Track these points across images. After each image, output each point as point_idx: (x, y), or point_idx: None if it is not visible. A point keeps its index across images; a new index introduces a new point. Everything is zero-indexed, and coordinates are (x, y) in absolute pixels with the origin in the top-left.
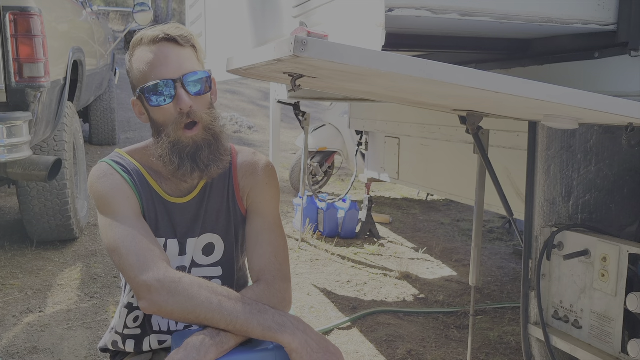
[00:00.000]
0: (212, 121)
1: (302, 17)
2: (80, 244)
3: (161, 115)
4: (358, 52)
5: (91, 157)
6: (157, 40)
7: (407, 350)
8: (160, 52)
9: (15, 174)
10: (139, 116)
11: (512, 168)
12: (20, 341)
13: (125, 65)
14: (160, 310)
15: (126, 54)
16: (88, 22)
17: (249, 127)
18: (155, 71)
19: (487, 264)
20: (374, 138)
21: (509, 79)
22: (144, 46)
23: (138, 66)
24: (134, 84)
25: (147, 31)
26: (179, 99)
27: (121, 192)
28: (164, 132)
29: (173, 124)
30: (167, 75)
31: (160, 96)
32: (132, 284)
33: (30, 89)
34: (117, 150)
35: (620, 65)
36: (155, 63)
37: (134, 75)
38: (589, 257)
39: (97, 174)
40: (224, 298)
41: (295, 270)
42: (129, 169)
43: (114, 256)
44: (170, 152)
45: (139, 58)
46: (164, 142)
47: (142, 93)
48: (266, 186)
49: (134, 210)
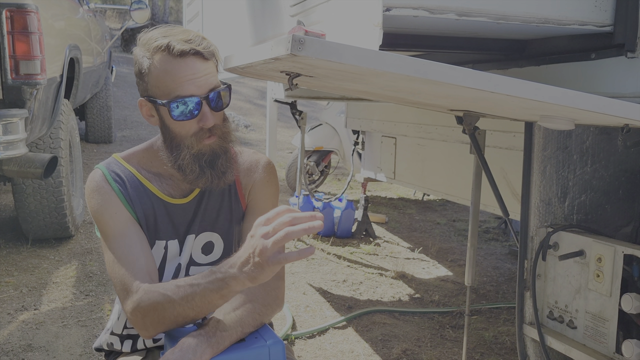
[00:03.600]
0: (228, 132)
1: (299, 16)
2: (76, 242)
3: (181, 127)
4: (355, 51)
5: (87, 154)
6: (186, 54)
7: (402, 350)
8: (188, 68)
9: (10, 171)
10: (147, 118)
11: (508, 168)
12: (15, 339)
13: (139, 65)
14: (148, 332)
15: (135, 50)
16: (85, 20)
17: (246, 126)
18: (182, 87)
19: (482, 264)
20: (371, 138)
21: (506, 79)
22: (169, 56)
23: (160, 75)
24: (149, 89)
25: (172, 39)
26: (203, 116)
27: (109, 208)
28: (183, 143)
29: (194, 137)
30: (195, 92)
31: (186, 112)
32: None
33: (26, 86)
34: (113, 156)
35: (616, 67)
36: (182, 78)
37: (153, 81)
38: (584, 258)
39: (90, 186)
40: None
41: (291, 269)
42: (122, 176)
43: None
44: (192, 163)
45: (164, 68)
46: (185, 154)
47: (167, 106)
48: (267, 184)
49: (122, 225)
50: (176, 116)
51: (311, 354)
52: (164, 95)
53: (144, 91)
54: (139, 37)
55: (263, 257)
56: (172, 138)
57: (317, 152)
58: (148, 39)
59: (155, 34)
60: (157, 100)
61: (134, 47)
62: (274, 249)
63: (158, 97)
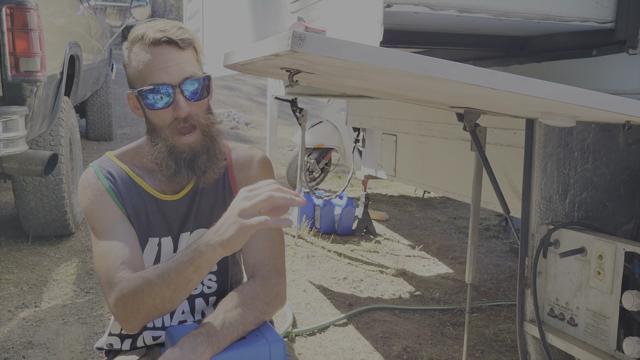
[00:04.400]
0: (210, 125)
1: (300, 12)
2: (76, 239)
3: (157, 117)
4: (355, 47)
5: (87, 152)
6: (158, 43)
7: (402, 347)
8: (161, 56)
9: (11, 168)
10: (134, 110)
11: (509, 166)
12: (16, 336)
13: (123, 57)
14: (132, 324)
15: (123, 44)
16: (85, 17)
17: (246, 124)
18: (155, 75)
19: (483, 262)
20: (371, 135)
21: (507, 75)
22: (144, 45)
23: (136, 65)
24: (130, 80)
25: (149, 29)
26: (176, 105)
27: (99, 204)
28: (160, 135)
29: (169, 128)
30: (167, 80)
31: (158, 101)
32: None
33: (26, 83)
34: (107, 154)
35: (617, 63)
36: (155, 67)
37: (131, 71)
38: (585, 255)
39: (83, 183)
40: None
41: (292, 266)
42: (114, 173)
43: None
44: (167, 157)
45: (138, 57)
46: (160, 147)
47: (140, 94)
48: (262, 179)
49: (111, 219)
50: (149, 104)
51: (312, 351)
52: (140, 85)
53: (128, 83)
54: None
55: (242, 216)
56: (152, 130)
57: (317, 149)
58: (131, 32)
59: (138, 27)
60: (135, 91)
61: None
62: (254, 210)
63: (136, 87)
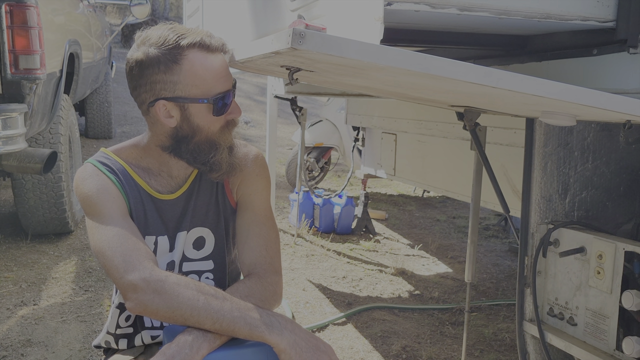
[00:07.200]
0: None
1: (300, 10)
2: (75, 237)
3: (212, 124)
4: (356, 45)
5: (87, 150)
6: (217, 50)
7: (401, 346)
8: (222, 62)
9: (10, 166)
10: (165, 119)
11: (509, 165)
12: (14, 334)
13: (154, 62)
14: (146, 309)
15: (149, 49)
16: (85, 15)
17: (246, 122)
18: (221, 82)
19: (482, 261)
20: (371, 134)
21: (508, 74)
22: (204, 53)
23: (200, 73)
24: (182, 88)
25: (202, 36)
26: (233, 109)
27: (107, 192)
28: (215, 140)
29: (222, 131)
30: (229, 87)
31: (225, 107)
32: (118, 284)
33: (25, 81)
34: (102, 150)
35: (618, 62)
36: (220, 74)
37: (189, 79)
38: (584, 255)
39: (82, 175)
40: (211, 297)
41: (291, 265)
42: (114, 168)
43: (100, 258)
44: (228, 157)
45: (201, 64)
46: (222, 150)
47: (212, 103)
48: (256, 177)
49: (121, 210)
50: (218, 112)
51: None
52: (203, 93)
53: (163, 91)
54: (143, 37)
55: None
56: (192, 135)
57: (317, 148)
58: (164, 37)
59: (166, 33)
60: (198, 99)
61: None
62: None
63: (194, 95)
